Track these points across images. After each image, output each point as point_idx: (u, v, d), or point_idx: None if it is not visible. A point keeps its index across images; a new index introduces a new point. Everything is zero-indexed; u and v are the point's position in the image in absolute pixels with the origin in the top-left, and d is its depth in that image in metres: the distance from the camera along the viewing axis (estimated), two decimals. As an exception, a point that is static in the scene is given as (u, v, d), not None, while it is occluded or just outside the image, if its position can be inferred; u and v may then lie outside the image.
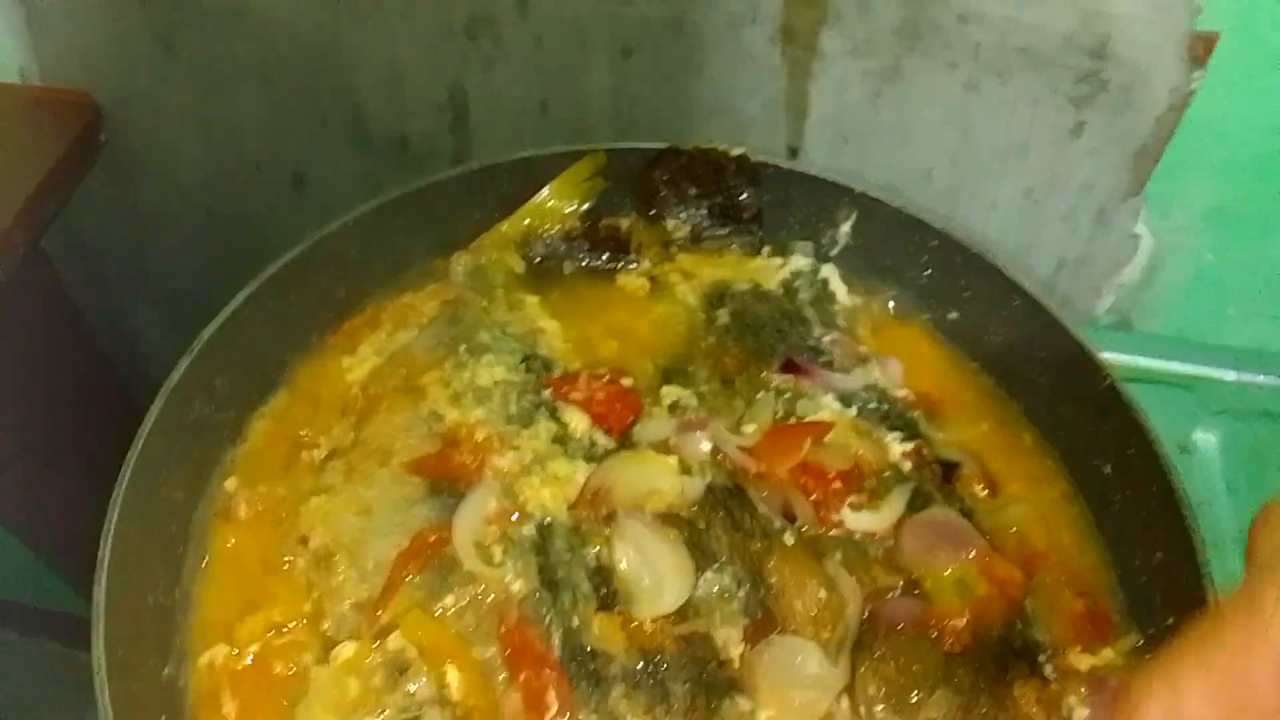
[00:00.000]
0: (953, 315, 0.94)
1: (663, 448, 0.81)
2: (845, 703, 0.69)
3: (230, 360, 0.82)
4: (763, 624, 0.71)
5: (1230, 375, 1.10)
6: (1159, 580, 0.74)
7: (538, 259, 0.98)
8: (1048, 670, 0.71)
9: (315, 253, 0.87)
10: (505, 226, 0.98)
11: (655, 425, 0.82)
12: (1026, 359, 0.88)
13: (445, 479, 0.78)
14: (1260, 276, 1.31)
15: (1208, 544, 0.88)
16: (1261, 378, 1.10)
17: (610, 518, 0.76)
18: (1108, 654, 0.73)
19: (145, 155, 1.40)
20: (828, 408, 0.84)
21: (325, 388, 0.88)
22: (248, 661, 0.71)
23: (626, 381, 0.87)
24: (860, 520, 0.75)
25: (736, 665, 0.71)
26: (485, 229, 0.97)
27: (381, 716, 0.68)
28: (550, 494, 0.77)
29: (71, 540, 1.46)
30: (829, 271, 0.97)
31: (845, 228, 0.97)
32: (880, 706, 0.68)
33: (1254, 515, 0.47)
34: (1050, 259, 1.23)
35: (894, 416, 0.85)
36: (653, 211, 0.99)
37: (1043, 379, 0.87)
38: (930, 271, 0.94)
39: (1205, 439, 1.05)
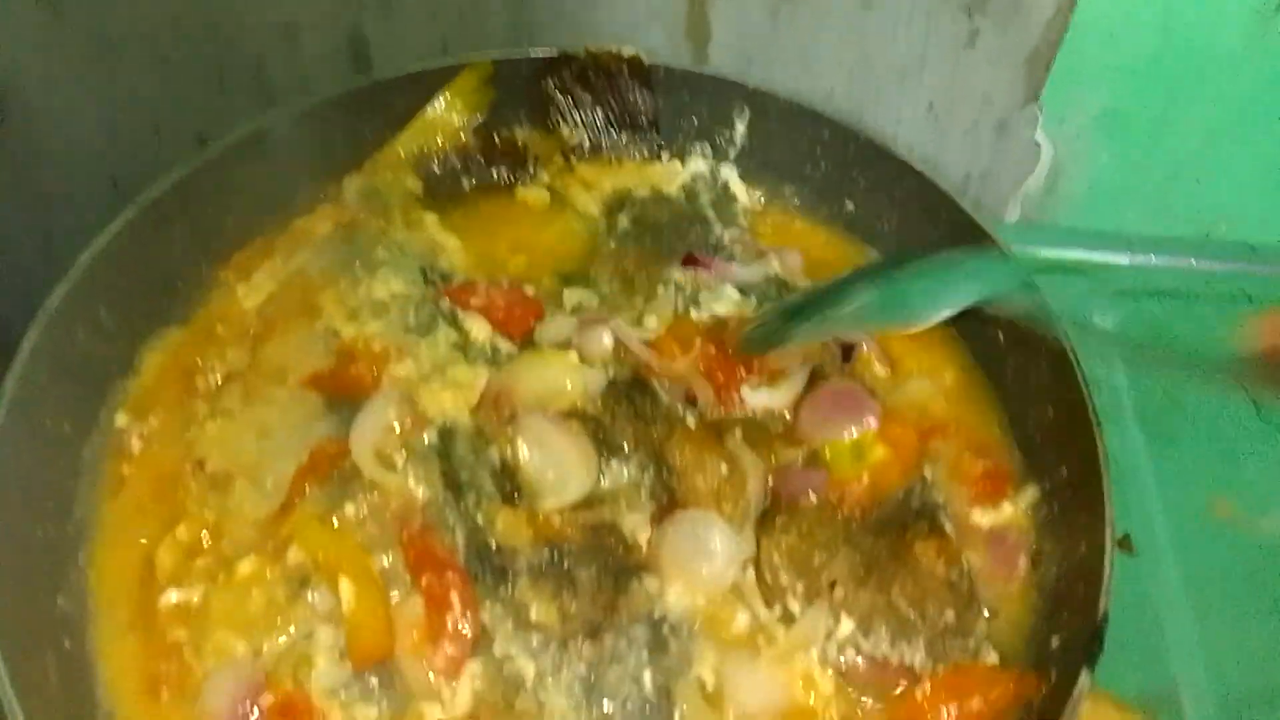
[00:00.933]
0: (850, 206, 0.95)
1: (565, 347, 0.80)
2: (751, 573, 0.69)
3: (114, 289, 0.79)
4: (668, 507, 0.72)
5: (1124, 259, 1.13)
6: (1053, 437, 0.76)
7: (434, 177, 0.96)
8: (948, 528, 0.72)
9: (197, 179, 0.85)
10: (398, 145, 0.95)
11: (556, 325, 0.81)
12: (920, 239, 0.89)
13: (343, 393, 0.77)
14: (1156, 177, 1.34)
15: (1107, 416, 0.91)
16: (1154, 258, 1.12)
17: (513, 418, 0.75)
18: (1007, 509, 0.75)
19: (41, 129, 1.34)
20: (728, 299, 0.84)
21: (220, 318, 0.86)
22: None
23: (528, 289, 0.86)
24: (760, 398, 0.76)
25: (644, 549, 0.71)
26: (377, 149, 0.95)
27: (284, 634, 0.66)
28: (451, 399, 0.76)
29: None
30: (728, 173, 0.97)
31: (741, 127, 0.97)
32: (784, 573, 0.68)
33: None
34: (957, 174, 1.25)
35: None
36: (548, 121, 0.97)
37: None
38: (825, 165, 0.95)
39: (1102, 320, 1.07)
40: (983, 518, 0.74)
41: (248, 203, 0.90)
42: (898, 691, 0.65)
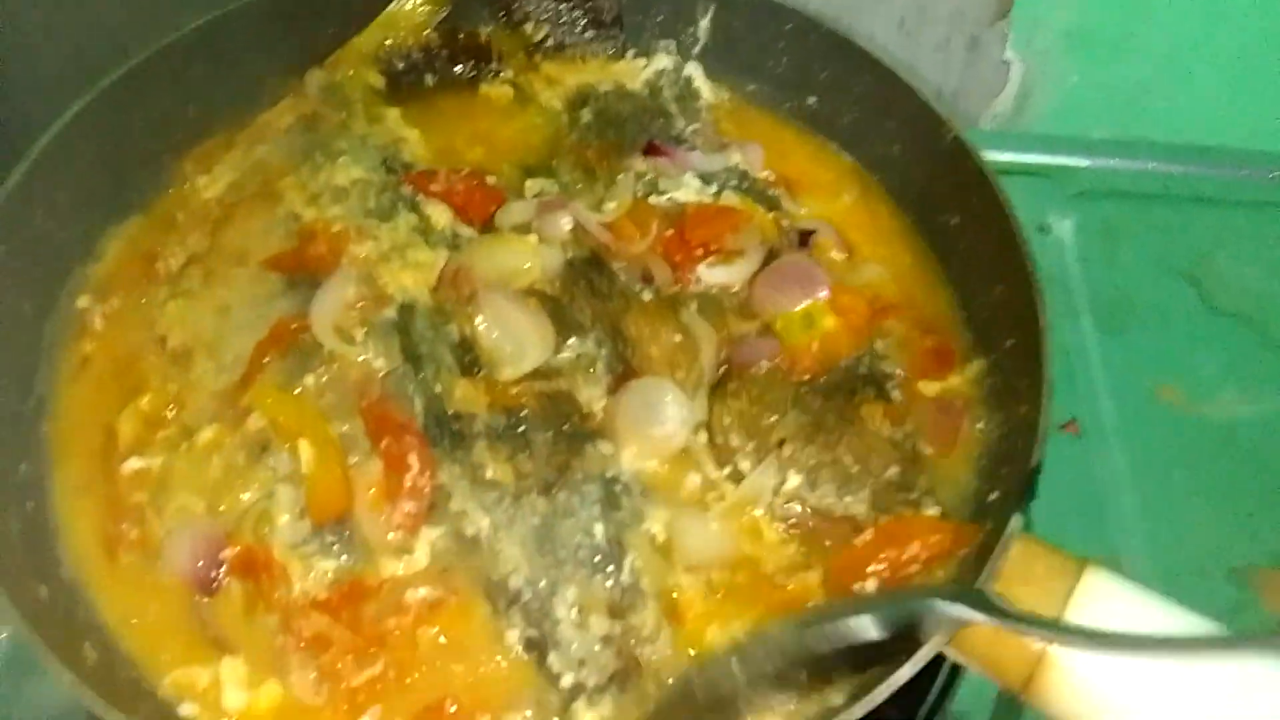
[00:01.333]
0: (811, 100, 0.95)
1: (524, 230, 0.81)
2: (703, 437, 0.71)
3: (72, 174, 0.79)
4: (624, 378, 0.73)
5: (1084, 162, 1.15)
6: (1000, 312, 0.77)
7: (398, 73, 0.96)
8: (895, 395, 0.74)
9: (154, 66, 0.85)
10: (360, 40, 0.95)
11: (517, 210, 0.82)
12: (880, 131, 0.90)
13: (304, 272, 0.78)
14: (1122, 96, 1.36)
15: (1059, 309, 0.93)
16: (1114, 161, 1.14)
17: (473, 296, 0.76)
18: (954, 380, 0.77)
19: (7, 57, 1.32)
20: (689, 186, 0.85)
21: (180, 207, 0.86)
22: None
23: (490, 179, 0.86)
24: (715, 274, 0.77)
25: (598, 418, 0.72)
26: (340, 45, 0.95)
27: (245, 494, 0.68)
28: (411, 278, 0.78)
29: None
30: (693, 69, 0.97)
31: (704, 23, 0.97)
32: (735, 434, 0.70)
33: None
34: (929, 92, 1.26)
35: (754, 193, 0.86)
36: (511, 17, 0.97)
37: (895, 147, 0.89)
38: (787, 59, 0.95)
39: (1061, 221, 1.10)
40: (929, 388, 0.75)
41: (208, 94, 0.90)
42: (841, 540, 0.67)
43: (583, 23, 0.98)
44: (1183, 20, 1.21)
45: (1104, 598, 0.61)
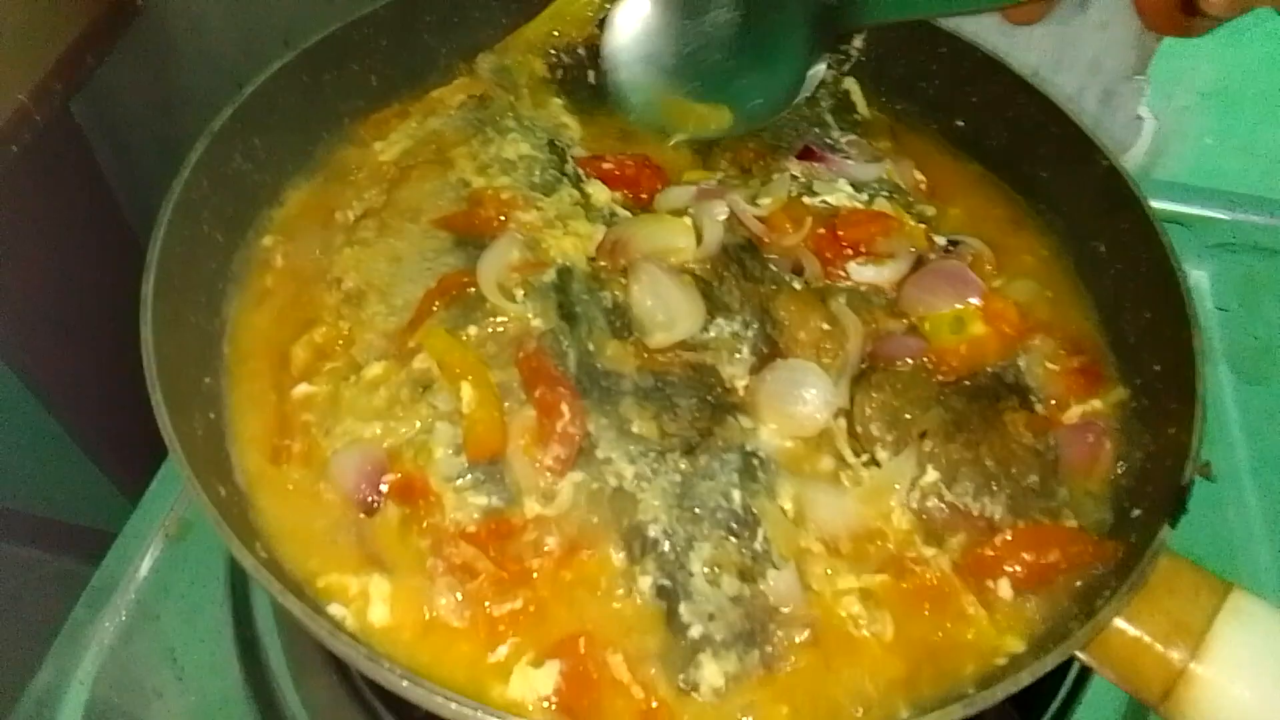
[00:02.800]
0: (960, 123, 0.97)
1: (681, 214, 0.84)
2: (843, 422, 0.73)
3: (269, 122, 0.86)
4: (768, 360, 0.76)
5: (1224, 215, 1.14)
6: (1148, 337, 0.78)
7: (564, 66, 1.01)
8: (1039, 408, 0.74)
9: (348, 34, 0.91)
10: (528, 30, 1.01)
11: (675, 194, 0.86)
12: (1029, 155, 0.91)
13: (471, 233, 0.82)
14: (1260, 162, 1.34)
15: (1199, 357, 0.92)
16: (1255, 217, 1.13)
17: (629, 267, 0.80)
18: (1096, 404, 0.77)
19: (175, 28, 1.42)
20: (841, 191, 0.87)
21: (358, 167, 0.92)
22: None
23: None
24: (865, 273, 0.79)
25: (741, 395, 0.75)
26: (511, 32, 1.01)
27: (407, 427, 0.71)
28: (571, 245, 0.81)
29: (94, 411, 1.49)
30: (850, 84, 1.00)
31: (858, 41, 1.00)
32: (875, 425, 0.72)
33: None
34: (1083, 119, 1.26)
35: (904, 204, 0.88)
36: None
37: (1044, 173, 0.91)
38: (939, 81, 0.98)
39: (1197, 270, 1.09)
40: (1073, 409, 0.76)
41: (389, 67, 0.96)
42: (975, 540, 0.67)
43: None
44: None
45: (1249, 620, 0.61)
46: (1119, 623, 0.60)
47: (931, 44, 0.96)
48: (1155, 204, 1.14)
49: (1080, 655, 0.60)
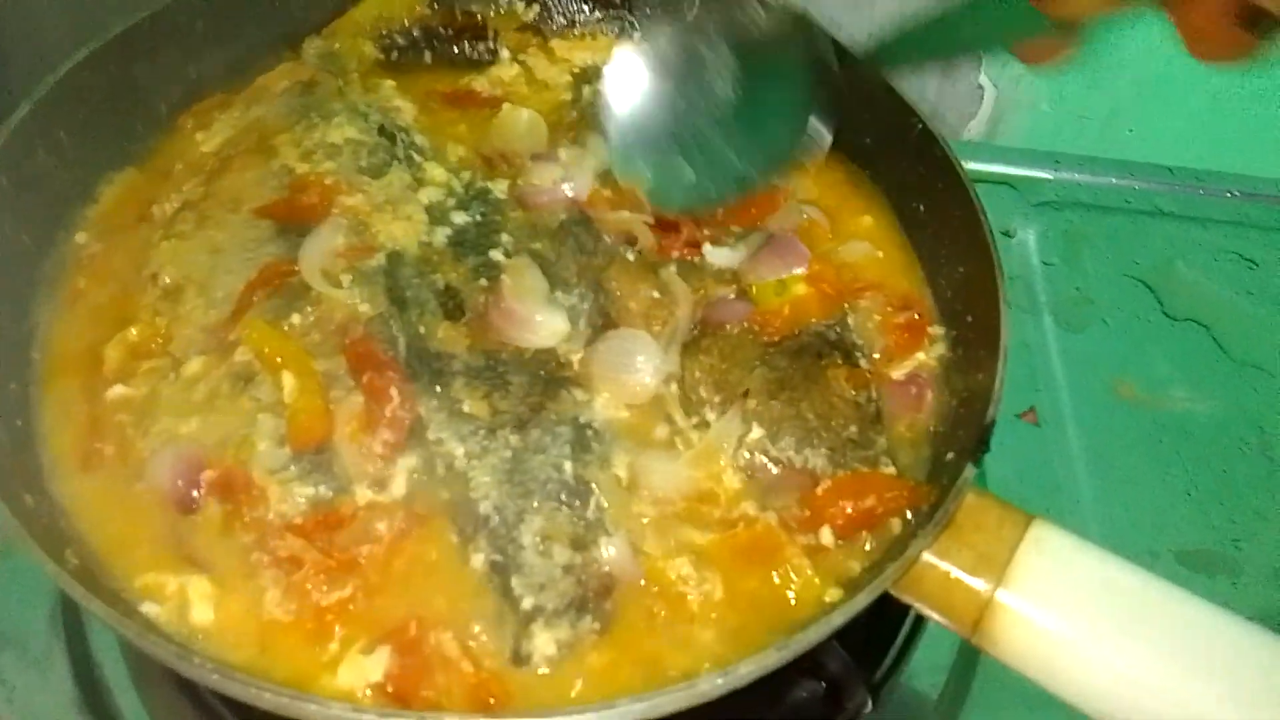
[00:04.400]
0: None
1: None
2: (675, 388, 0.74)
3: (75, 118, 0.82)
4: (603, 330, 0.76)
5: (1048, 175, 1.20)
6: (963, 290, 0.81)
7: (395, 47, 1.00)
8: (862, 363, 0.77)
9: (158, 23, 0.88)
10: (356, 13, 0.99)
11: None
12: (855, 122, 0.93)
13: (294, 220, 0.80)
14: (1092, 125, 1.41)
15: (1022, 307, 0.97)
16: (1077, 175, 1.19)
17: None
18: (920, 357, 0.80)
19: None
20: None
21: (179, 158, 0.89)
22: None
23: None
24: (720, 255, 0.81)
25: (575, 369, 0.75)
26: (338, 15, 0.99)
27: (225, 422, 0.70)
28: (402, 229, 0.80)
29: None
30: None
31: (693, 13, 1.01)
32: (704, 388, 0.73)
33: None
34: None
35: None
36: (513, -3, 1.01)
37: (868, 139, 0.93)
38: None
39: (1025, 228, 1.14)
40: (900, 363, 0.79)
41: (208, 55, 0.93)
42: (799, 491, 0.69)
43: (589, 3, 1.02)
44: (1149, 54, 1.26)
45: (1049, 548, 0.64)
46: (928, 558, 0.62)
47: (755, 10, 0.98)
48: (985, 167, 1.20)
49: (893, 592, 0.62)
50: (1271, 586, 0.89)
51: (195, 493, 0.67)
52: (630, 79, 0.80)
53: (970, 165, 1.15)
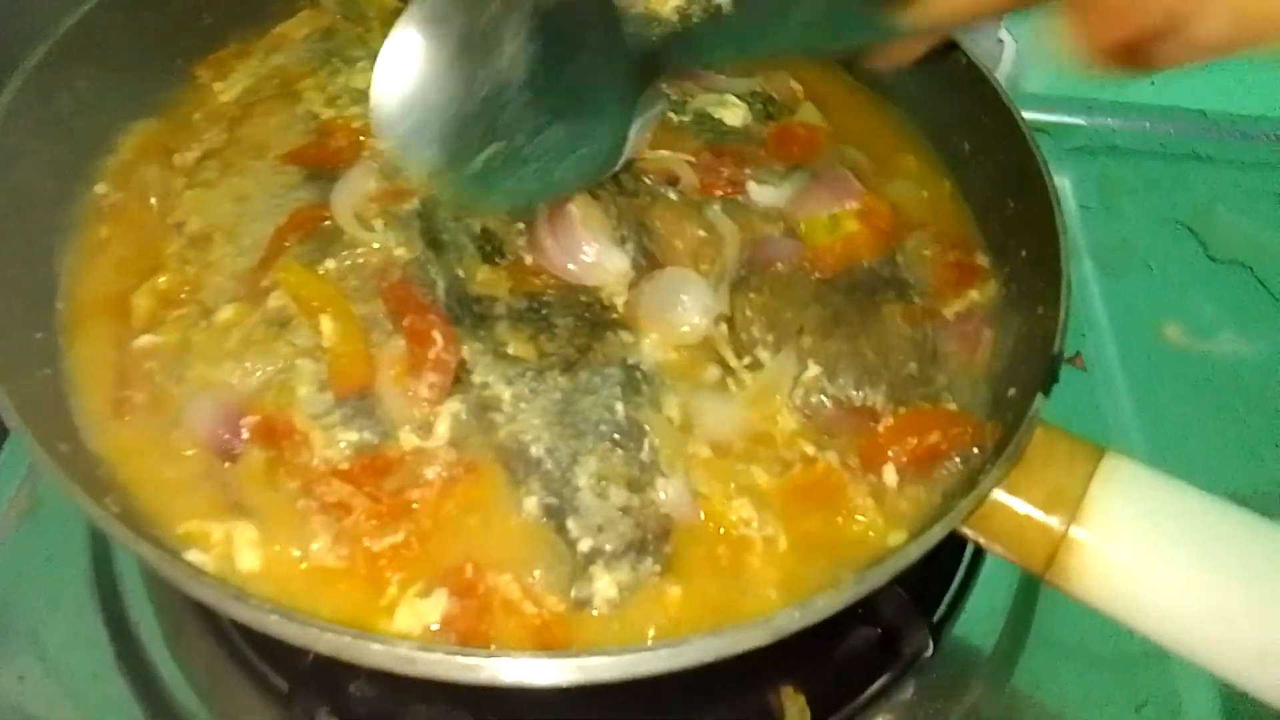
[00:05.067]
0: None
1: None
2: (724, 328, 0.72)
3: (92, 63, 0.79)
4: (647, 271, 0.74)
5: (1082, 121, 1.17)
6: (1014, 225, 0.79)
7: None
8: (916, 300, 0.75)
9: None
10: (378, -43, 0.95)
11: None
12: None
13: (324, 165, 0.78)
14: (1114, 80, 1.39)
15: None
16: (1110, 120, 1.17)
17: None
18: (974, 294, 0.78)
19: None
20: (737, 107, 0.86)
21: (198, 109, 0.86)
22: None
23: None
24: (764, 193, 0.78)
25: (620, 311, 0.73)
26: (359, -38, 0.95)
27: (262, 367, 0.67)
28: (435, 172, 0.77)
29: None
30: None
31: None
32: (756, 327, 0.71)
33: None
34: (919, 66, 1.27)
35: (782, 109, 0.88)
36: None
37: (910, 80, 0.91)
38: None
39: (1060, 174, 1.11)
40: (952, 302, 0.76)
41: (225, 3, 0.90)
42: (859, 429, 0.67)
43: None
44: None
45: (1124, 481, 0.62)
46: (999, 495, 0.60)
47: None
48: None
49: (964, 530, 0.60)
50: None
51: (236, 439, 0.64)
52: (414, 59, 0.69)
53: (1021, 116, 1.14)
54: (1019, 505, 0.61)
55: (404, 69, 0.70)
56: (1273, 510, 0.88)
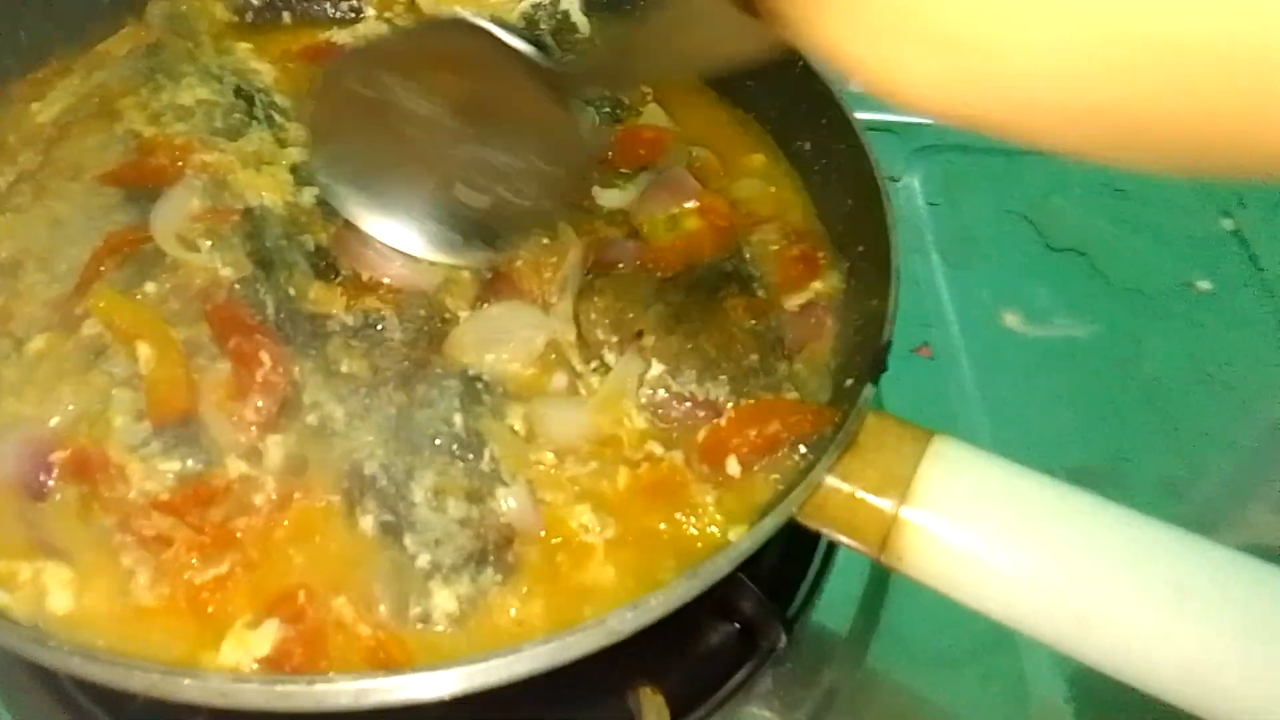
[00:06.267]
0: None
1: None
2: (571, 335, 0.71)
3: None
4: (491, 284, 0.73)
5: (928, 120, 1.21)
6: (851, 223, 0.81)
7: (250, 10, 0.94)
8: (759, 293, 0.76)
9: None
10: (206, -30, 0.93)
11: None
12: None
13: (144, 183, 0.74)
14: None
15: (910, 246, 0.98)
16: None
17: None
18: (817, 286, 0.79)
19: None
20: None
21: (11, 131, 0.81)
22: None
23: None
24: (610, 196, 0.78)
25: (462, 324, 0.72)
26: (186, -26, 0.92)
27: (75, 399, 0.64)
28: (266, 190, 0.75)
29: None
30: (568, 2, 0.98)
31: (564, -32, 0.98)
32: (600, 329, 0.71)
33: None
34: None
35: (630, 111, 0.89)
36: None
37: (750, 82, 0.93)
38: (644, 3, 0.98)
39: (908, 172, 1.16)
40: (797, 295, 0.78)
41: (40, 20, 0.86)
42: (703, 424, 0.68)
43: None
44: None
45: (950, 462, 0.64)
46: (832, 481, 0.61)
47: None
48: (868, 116, 1.20)
49: (800, 518, 0.61)
50: (1160, 498, 0.92)
51: (46, 476, 0.60)
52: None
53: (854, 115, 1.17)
54: (851, 489, 0.62)
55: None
56: (1106, 481, 0.93)
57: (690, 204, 0.78)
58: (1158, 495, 0.92)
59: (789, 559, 0.78)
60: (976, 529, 0.62)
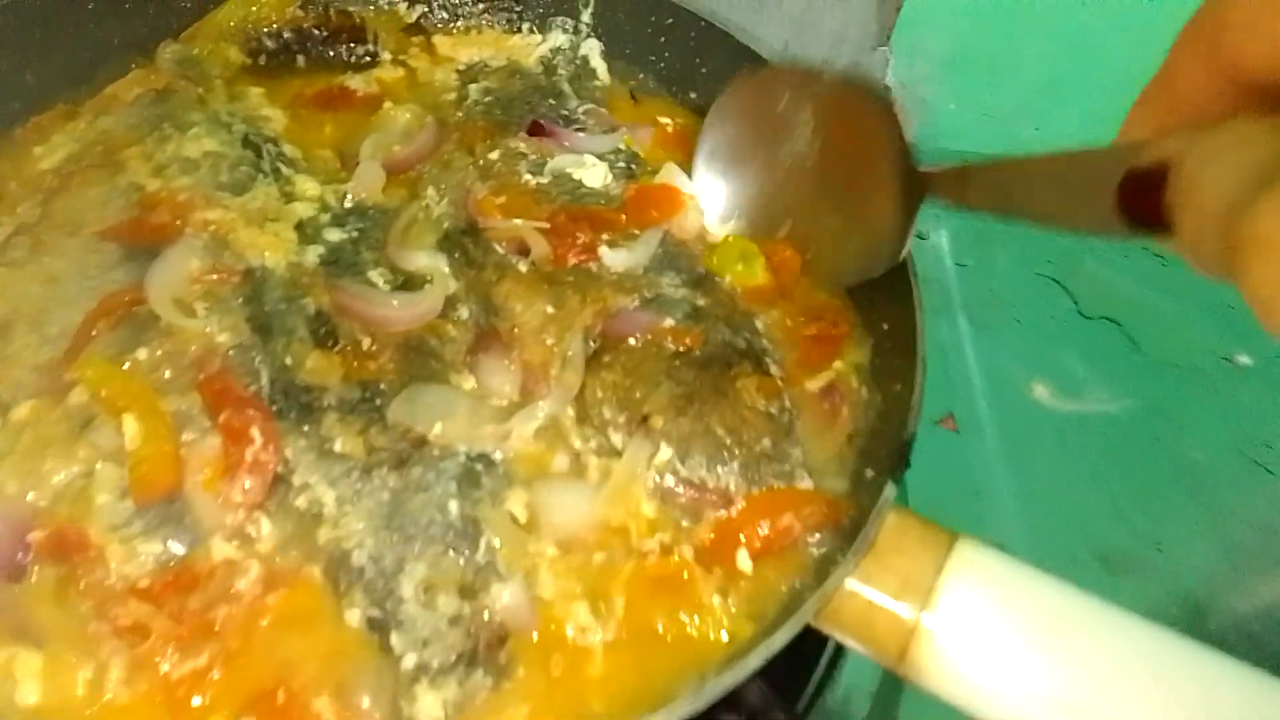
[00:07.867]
0: (694, 95, 0.95)
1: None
2: (571, 412, 0.68)
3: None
4: (490, 349, 0.70)
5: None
6: (878, 300, 0.77)
7: (264, 54, 0.92)
8: (773, 370, 0.72)
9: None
10: (220, 14, 0.91)
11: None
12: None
13: (143, 243, 0.72)
14: (997, 122, 1.41)
15: (937, 310, 0.95)
16: (989, 174, 1.17)
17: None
18: (838, 365, 0.75)
19: None
20: (597, 167, 0.83)
21: (12, 178, 0.80)
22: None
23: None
24: (617, 258, 0.75)
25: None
26: (198, 18, 0.90)
27: (57, 473, 0.61)
28: (270, 243, 0.73)
29: None
30: (589, 48, 0.96)
31: (586, 15, 0.96)
32: (606, 407, 0.67)
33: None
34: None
35: (644, 171, 0.85)
36: (388, -8, 0.94)
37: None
38: (669, 54, 0.95)
39: (937, 230, 1.12)
40: (815, 375, 0.74)
41: (47, 61, 0.84)
42: (713, 513, 0.64)
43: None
44: (1054, 50, 1.26)
45: (976, 568, 0.60)
46: (851, 585, 0.58)
47: (658, 14, 0.94)
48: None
49: (815, 624, 0.58)
50: (1193, 585, 0.87)
51: (24, 556, 0.58)
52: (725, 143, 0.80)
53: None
54: (870, 595, 0.59)
55: (718, 152, 0.81)
56: (1138, 569, 0.88)
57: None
58: (1192, 584, 0.87)
59: (799, 648, 0.74)
60: (1002, 645, 0.58)
